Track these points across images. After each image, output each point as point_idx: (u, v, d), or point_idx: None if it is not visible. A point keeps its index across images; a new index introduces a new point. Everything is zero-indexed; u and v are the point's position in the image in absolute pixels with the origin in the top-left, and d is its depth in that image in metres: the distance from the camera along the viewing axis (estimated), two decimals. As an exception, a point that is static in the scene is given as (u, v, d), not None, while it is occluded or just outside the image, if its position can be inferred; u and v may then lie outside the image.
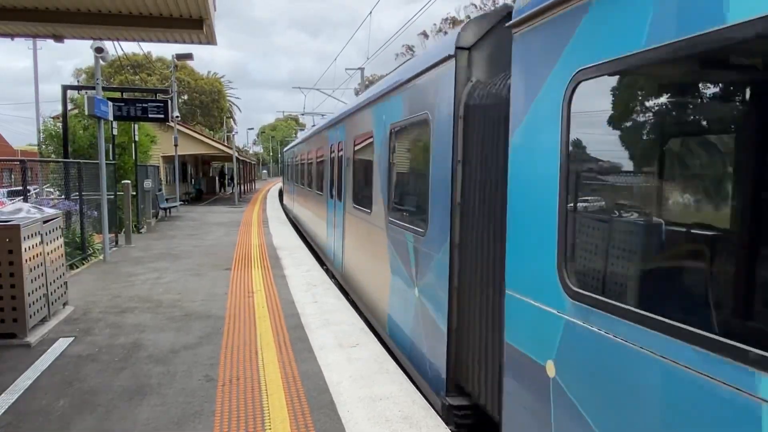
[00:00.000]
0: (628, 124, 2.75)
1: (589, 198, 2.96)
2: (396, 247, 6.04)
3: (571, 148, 2.86)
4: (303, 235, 17.22)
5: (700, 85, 2.37)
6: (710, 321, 2.13)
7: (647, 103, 2.63)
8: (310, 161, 15.84)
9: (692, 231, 2.42)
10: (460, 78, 4.46)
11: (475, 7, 44.31)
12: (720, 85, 2.29)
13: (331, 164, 11.11)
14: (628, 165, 2.78)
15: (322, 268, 10.95)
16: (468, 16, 44.63)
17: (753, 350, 1.82)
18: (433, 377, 4.95)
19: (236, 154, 36.55)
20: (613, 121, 2.77)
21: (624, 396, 2.43)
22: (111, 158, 14.92)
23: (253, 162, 69.72)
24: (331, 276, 10.77)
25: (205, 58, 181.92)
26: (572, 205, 2.87)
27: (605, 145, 2.83)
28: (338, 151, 10.31)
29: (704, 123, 2.40)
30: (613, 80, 2.68)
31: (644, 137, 2.65)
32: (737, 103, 2.24)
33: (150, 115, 14.86)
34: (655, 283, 2.50)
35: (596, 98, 2.79)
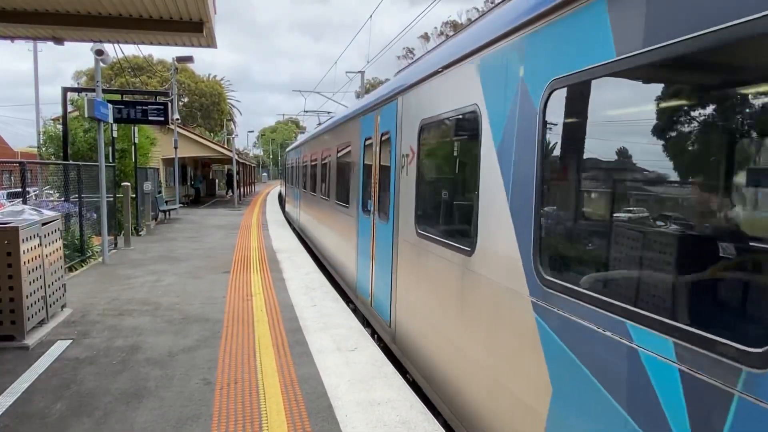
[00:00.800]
0: None
1: None
2: (595, 366, 2.65)
3: None
4: (308, 245, 15.38)
5: None
6: None
7: None
8: (325, 161, 12.19)
9: None
10: None
11: (477, 10, 44.41)
12: None
13: (366, 165, 8.00)
14: None
15: (349, 307, 8.40)
16: (469, 19, 44.78)
17: None
18: None
19: (236, 156, 36.56)
20: None
21: None
22: (111, 161, 14.92)
23: (253, 165, 69.77)
24: (363, 321, 7.86)
25: (207, 60, 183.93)
26: None
27: None
28: (380, 146, 7.14)
29: None
30: None
31: None
32: None
33: (150, 118, 14.88)
34: None
35: None
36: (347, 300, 9.07)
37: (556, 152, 3.21)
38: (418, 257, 5.46)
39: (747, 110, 2.20)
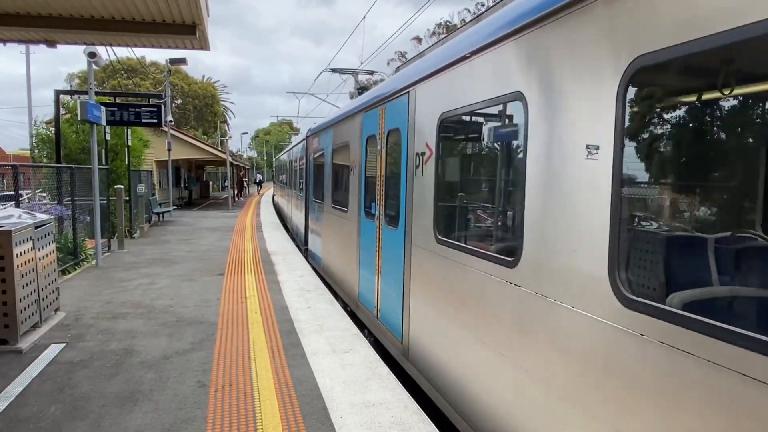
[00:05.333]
0: None
1: None
2: None
3: None
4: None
5: None
6: None
7: None
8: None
9: None
10: None
11: (469, 11, 44.56)
12: None
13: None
14: None
15: None
16: (463, 20, 44.92)
17: None
18: None
19: (230, 158, 36.50)
20: None
21: None
22: (104, 163, 14.88)
23: (247, 166, 69.69)
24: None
25: (208, 64, 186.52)
26: None
27: None
28: None
29: None
30: None
31: None
32: None
33: (143, 120, 14.83)
34: None
35: None
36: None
37: None
38: None
39: None
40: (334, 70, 16.70)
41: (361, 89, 12.76)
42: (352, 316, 7.98)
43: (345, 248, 8.83)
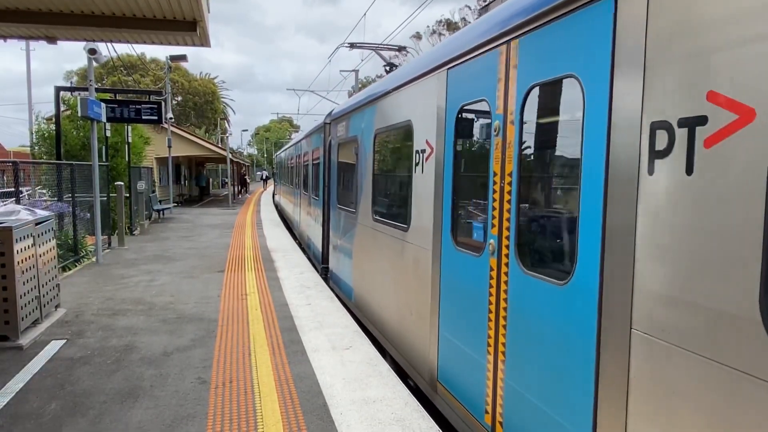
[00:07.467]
0: None
1: None
2: None
3: None
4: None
5: None
6: None
7: None
8: None
9: None
10: None
11: (470, 9, 44.49)
12: None
13: None
14: None
15: None
16: (463, 19, 44.92)
17: None
18: None
19: (230, 155, 36.49)
20: None
21: None
22: (104, 159, 14.88)
23: (247, 163, 69.72)
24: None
25: (214, 62, 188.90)
26: None
27: None
28: None
29: None
30: None
31: None
32: None
33: (143, 117, 14.84)
34: None
35: None
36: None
37: None
38: None
39: None
40: (352, 45, 14.70)
41: (390, 65, 10.84)
42: (417, 394, 5.31)
43: (403, 288, 5.85)
